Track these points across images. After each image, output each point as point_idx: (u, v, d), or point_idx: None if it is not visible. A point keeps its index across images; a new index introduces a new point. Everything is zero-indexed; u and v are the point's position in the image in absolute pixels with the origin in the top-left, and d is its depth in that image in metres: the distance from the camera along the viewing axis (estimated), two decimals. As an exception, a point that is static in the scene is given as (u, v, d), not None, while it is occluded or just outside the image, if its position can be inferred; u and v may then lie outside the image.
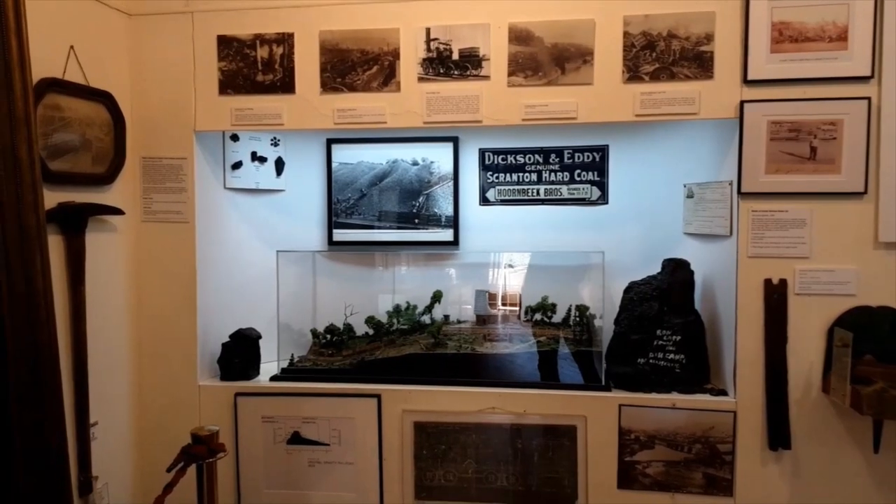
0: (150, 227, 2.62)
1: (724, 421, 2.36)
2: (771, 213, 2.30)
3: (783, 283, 2.30)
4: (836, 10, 2.25)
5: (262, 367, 2.78)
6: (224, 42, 2.55)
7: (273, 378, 2.70)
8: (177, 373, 2.64)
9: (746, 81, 2.29)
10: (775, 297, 2.30)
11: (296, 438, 2.62)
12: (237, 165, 2.86)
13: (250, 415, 2.63)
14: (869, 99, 2.23)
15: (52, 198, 2.17)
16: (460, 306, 3.00)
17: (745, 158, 2.30)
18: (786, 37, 2.27)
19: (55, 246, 2.18)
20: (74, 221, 2.27)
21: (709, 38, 2.32)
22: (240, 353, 2.70)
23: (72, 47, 2.26)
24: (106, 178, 2.43)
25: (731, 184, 2.38)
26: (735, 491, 2.37)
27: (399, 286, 3.08)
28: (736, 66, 2.30)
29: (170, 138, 2.59)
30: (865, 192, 2.24)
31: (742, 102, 2.29)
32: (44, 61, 2.12)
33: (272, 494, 2.64)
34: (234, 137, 2.84)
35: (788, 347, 2.30)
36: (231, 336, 2.72)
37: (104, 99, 2.40)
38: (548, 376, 2.67)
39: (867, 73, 2.23)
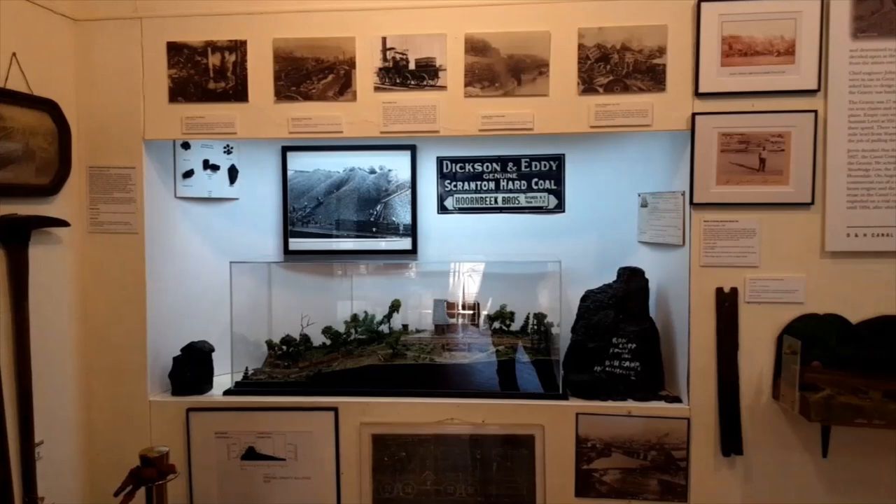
0: (97, 238, 2.54)
1: (679, 428, 2.40)
2: (722, 224, 2.35)
3: (734, 291, 2.34)
4: (784, 25, 2.30)
5: (216, 380, 2.72)
6: (174, 49, 2.49)
7: (227, 392, 2.64)
8: (126, 388, 2.57)
9: (698, 94, 2.33)
10: (726, 306, 2.35)
11: (251, 454, 2.56)
12: (188, 174, 2.79)
13: (203, 430, 2.56)
14: (816, 112, 2.28)
15: (-6, 210, 2.09)
16: (420, 313, 2.99)
17: (696, 169, 2.34)
18: (735, 50, 2.32)
19: (-4, 260, 2.10)
20: (17, 234, 2.19)
21: (661, 51, 2.35)
22: (192, 367, 2.63)
23: (14, 54, 2.18)
24: (50, 188, 2.35)
25: (683, 194, 2.42)
26: (689, 497, 2.40)
27: (357, 295, 3.05)
28: (688, 78, 2.34)
29: (118, 147, 2.52)
30: (812, 202, 2.30)
31: (694, 115, 2.33)
32: (-17, 69, 2.04)
33: (226, 511, 2.59)
34: (186, 145, 2.78)
35: (740, 355, 2.35)
36: (183, 349, 2.65)
37: (48, 107, 2.32)
38: (506, 385, 2.67)
39: (814, 86, 2.28)
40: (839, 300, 2.31)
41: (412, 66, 2.44)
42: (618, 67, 2.36)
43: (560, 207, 2.87)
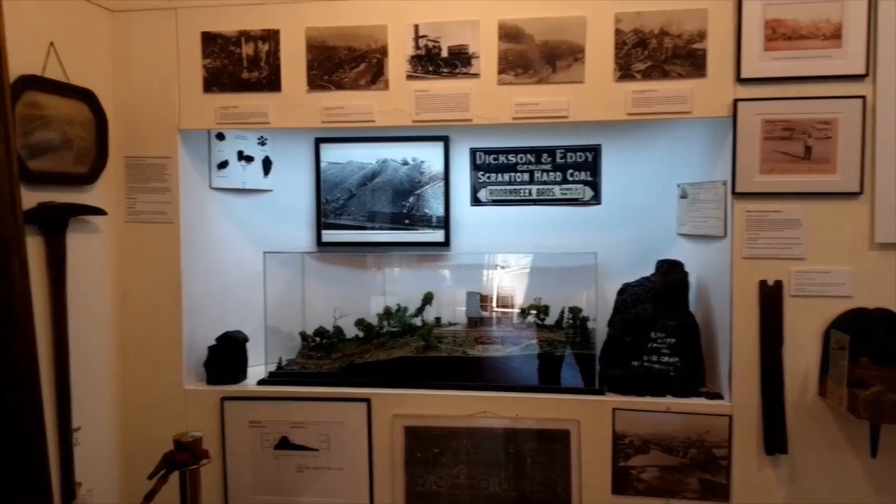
0: (134, 227, 2.57)
1: (720, 425, 2.32)
2: (765, 214, 2.27)
3: (778, 284, 2.26)
4: (830, 8, 2.22)
5: (250, 370, 2.73)
6: (208, 39, 2.51)
7: (260, 382, 2.65)
8: (162, 377, 2.59)
9: (740, 80, 2.26)
10: (770, 299, 2.27)
11: (284, 444, 2.57)
12: (223, 165, 2.81)
13: (237, 419, 2.58)
14: (864, 97, 2.20)
15: (32, 198, 2.12)
16: (453, 308, 2.96)
17: (739, 158, 2.26)
18: (779, 34, 2.24)
19: (35, 247, 2.13)
20: (55, 222, 2.22)
21: (701, 35, 2.28)
22: (226, 357, 2.65)
23: (52, 44, 2.21)
24: (88, 177, 2.38)
25: (724, 184, 2.34)
26: (731, 496, 2.33)
27: (389, 288, 3.03)
28: (729, 64, 2.27)
29: (153, 137, 2.54)
30: (861, 192, 2.21)
31: (735, 101, 2.26)
32: (22, 58, 2.07)
33: (260, 501, 2.59)
34: (220, 136, 2.79)
35: (784, 350, 2.27)
36: (217, 339, 2.67)
37: (85, 97, 2.35)
38: (540, 379, 2.62)
39: (862, 71, 2.20)
40: (889, 294, 2.22)
41: (445, 53, 2.41)
42: (656, 53, 2.30)
43: (596, 199, 2.81)
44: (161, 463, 1.88)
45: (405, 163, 2.95)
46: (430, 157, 2.93)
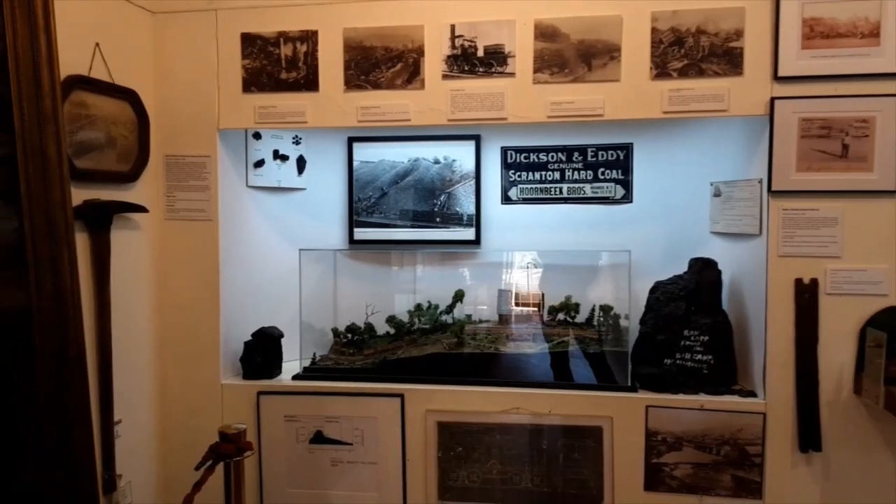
0: (174, 225, 2.61)
1: (754, 422, 2.33)
2: (802, 212, 2.27)
3: (814, 282, 2.26)
4: (869, 6, 2.21)
5: (285, 365, 2.77)
6: (248, 39, 2.54)
7: (295, 377, 2.69)
8: (200, 371, 2.63)
9: (777, 78, 2.26)
10: (806, 297, 2.26)
11: (318, 438, 2.60)
12: (259, 164, 2.85)
13: (273, 414, 2.61)
14: (902, 95, 2.19)
15: (78, 195, 2.16)
16: (482, 306, 2.98)
17: (775, 156, 2.26)
18: (817, 33, 2.23)
19: (81, 243, 2.17)
20: (100, 219, 2.27)
21: (738, 34, 2.28)
22: (262, 352, 2.69)
23: (97, 45, 2.25)
24: (130, 175, 2.42)
25: (760, 182, 2.34)
26: (764, 493, 2.33)
27: (420, 285, 3.06)
28: (766, 62, 2.27)
29: (193, 136, 2.58)
30: (898, 190, 2.21)
31: (772, 99, 2.25)
32: (69, 58, 2.10)
33: (295, 494, 2.62)
34: (257, 135, 2.83)
35: (819, 348, 2.26)
36: (253, 334, 2.71)
37: (129, 96, 2.39)
38: (572, 376, 2.64)
39: (900, 69, 2.19)
40: (926, 292, 2.21)
41: (480, 53, 2.43)
42: (693, 51, 2.31)
43: (627, 197, 2.82)
44: (208, 454, 1.91)
45: (436, 161, 2.98)
46: (461, 155, 2.96)
